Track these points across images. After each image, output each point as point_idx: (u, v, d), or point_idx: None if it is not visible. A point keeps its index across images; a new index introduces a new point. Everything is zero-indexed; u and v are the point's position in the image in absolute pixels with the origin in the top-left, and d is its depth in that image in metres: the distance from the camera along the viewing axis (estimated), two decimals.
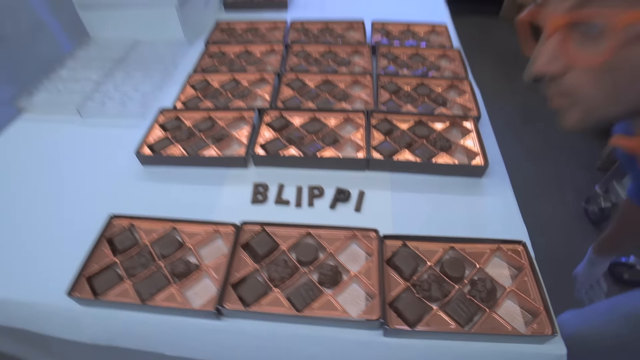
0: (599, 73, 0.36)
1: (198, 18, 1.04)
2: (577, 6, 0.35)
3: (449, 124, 0.70)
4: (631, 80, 0.36)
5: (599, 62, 0.35)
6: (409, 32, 0.98)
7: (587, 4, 0.34)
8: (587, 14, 0.34)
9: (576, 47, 0.36)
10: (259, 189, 0.63)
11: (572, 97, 0.40)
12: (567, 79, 0.39)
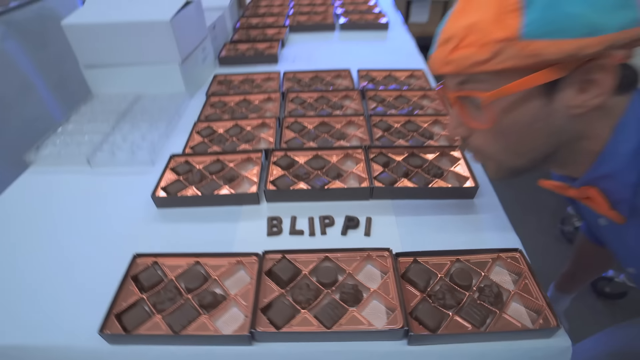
0: (493, 135, 0.45)
1: (197, 73, 1.12)
2: (459, 84, 0.44)
3: (438, 154, 0.78)
4: (519, 139, 0.44)
5: (487, 127, 0.44)
6: (391, 77, 1.10)
7: (466, 83, 0.43)
8: (465, 92, 0.43)
9: (471, 115, 0.45)
10: (273, 222, 0.68)
11: (482, 154, 0.49)
12: (473, 140, 0.48)
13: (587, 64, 0.38)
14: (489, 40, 0.38)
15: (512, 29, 0.37)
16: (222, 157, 0.80)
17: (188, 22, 1.05)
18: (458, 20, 0.42)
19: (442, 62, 0.44)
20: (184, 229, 0.68)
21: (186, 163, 0.79)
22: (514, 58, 0.38)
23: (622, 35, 0.35)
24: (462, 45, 0.41)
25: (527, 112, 0.42)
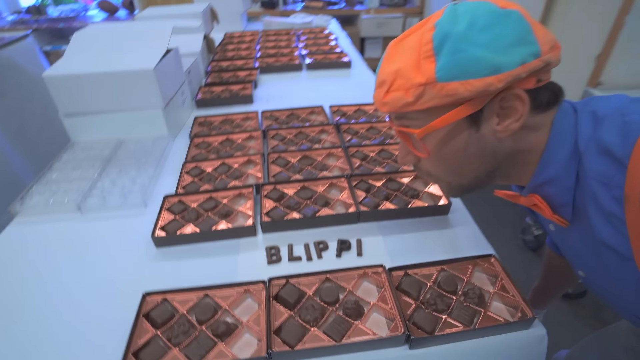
0: (436, 161, 0.51)
1: (177, 116, 1.17)
2: (397, 120, 0.51)
3: (412, 177, 0.87)
4: (458, 163, 0.50)
5: (428, 156, 0.50)
6: (360, 111, 1.20)
7: (402, 119, 0.50)
8: (402, 128, 0.50)
9: (413, 145, 0.52)
10: (272, 251, 0.73)
11: (432, 176, 0.56)
12: (422, 165, 0.55)
13: (501, 94, 0.44)
14: (412, 84, 0.44)
15: (430, 73, 0.43)
16: (215, 194, 0.84)
17: (169, 69, 1.11)
18: (388, 66, 0.48)
19: (380, 103, 0.50)
20: (187, 265, 0.71)
21: (180, 202, 0.83)
22: (435, 98, 0.44)
23: (522, 69, 0.41)
24: (392, 89, 0.47)
25: (459, 140, 0.48)
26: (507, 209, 2.03)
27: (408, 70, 0.45)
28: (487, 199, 2.12)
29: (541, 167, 0.48)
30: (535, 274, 1.53)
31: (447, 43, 0.42)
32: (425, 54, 0.43)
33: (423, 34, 0.45)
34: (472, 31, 0.42)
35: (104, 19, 3.25)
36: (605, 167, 0.42)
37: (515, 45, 0.41)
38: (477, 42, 0.41)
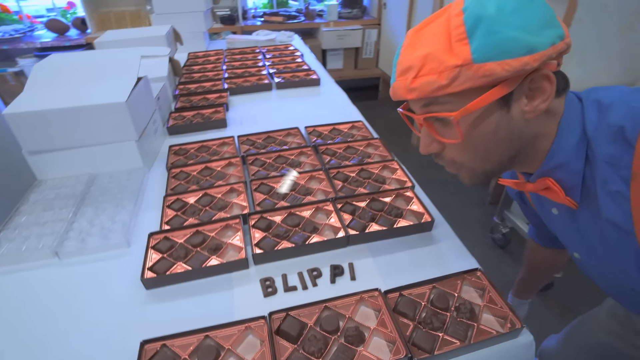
0: (464, 147, 0.52)
1: (151, 145, 1.14)
2: (424, 107, 0.51)
3: (394, 196, 0.91)
4: (487, 147, 0.51)
5: (459, 141, 0.50)
6: (335, 130, 1.23)
7: (430, 105, 0.50)
8: (435, 114, 0.50)
9: (440, 132, 0.52)
10: (266, 283, 0.73)
11: (455, 164, 0.56)
12: (446, 153, 0.55)
13: (531, 75, 0.45)
14: (445, 67, 0.45)
15: (465, 55, 0.43)
16: (201, 228, 0.84)
17: (140, 98, 1.09)
18: (412, 53, 0.48)
19: (405, 90, 0.49)
20: (181, 305, 0.70)
21: (166, 239, 0.82)
22: (470, 80, 0.44)
23: (553, 49, 0.44)
24: (421, 74, 0.46)
25: (490, 123, 0.48)
26: (475, 211, 2.13)
27: (439, 53, 0.45)
28: (457, 201, 2.22)
29: (552, 153, 0.51)
30: (505, 270, 1.62)
31: (481, 25, 0.43)
32: (458, 37, 0.44)
33: (450, 20, 0.46)
34: (503, 14, 0.43)
35: (53, 38, 3.10)
36: (614, 150, 0.45)
37: (546, 27, 0.44)
38: (510, 24, 0.43)
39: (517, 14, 0.43)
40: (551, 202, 0.58)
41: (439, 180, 2.39)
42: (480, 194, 2.24)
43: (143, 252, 0.78)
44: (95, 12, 3.18)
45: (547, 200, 0.59)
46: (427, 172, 2.46)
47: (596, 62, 1.65)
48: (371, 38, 3.47)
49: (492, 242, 1.90)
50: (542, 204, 0.64)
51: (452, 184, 2.35)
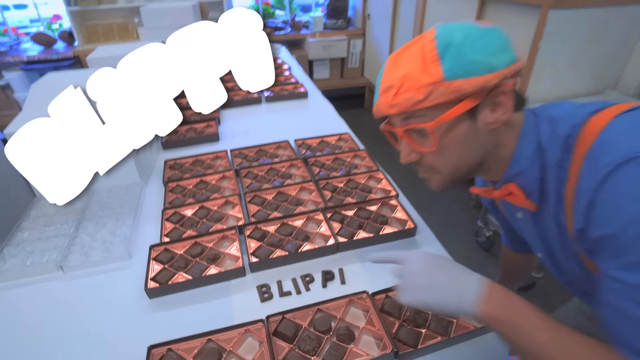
0: (439, 154, 0.59)
1: (147, 160, 1.19)
2: (404, 120, 0.58)
3: (380, 205, 0.98)
4: (457, 154, 0.58)
5: (434, 150, 0.56)
6: (324, 142, 1.30)
7: (409, 118, 0.57)
8: (412, 125, 0.57)
9: (418, 142, 0.59)
10: (263, 289, 0.79)
11: (431, 170, 0.63)
12: (424, 161, 0.62)
13: (492, 91, 0.53)
14: (421, 84, 0.52)
15: (437, 74, 0.51)
16: (200, 239, 0.89)
17: None
18: (392, 74, 0.55)
19: (387, 106, 0.56)
20: (184, 313, 0.75)
21: (166, 251, 0.87)
22: (442, 95, 0.52)
23: (509, 69, 0.52)
24: (401, 91, 0.54)
25: (460, 132, 0.55)
26: (460, 216, 2.22)
27: (415, 73, 0.53)
28: (443, 207, 2.30)
29: (513, 161, 0.58)
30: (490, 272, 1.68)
31: (450, 49, 0.52)
32: (431, 60, 0.52)
33: (424, 46, 0.54)
34: (468, 40, 0.52)
35: (40, 52, 3.11)
36: (562, 155, 0.53)
37: (502, 51, 0.52)
38: (474, 49, 0.51)
39: (479, 40, 0.52)
40: (516, 206, 0.66)
41: (423, 186, 2.47)
42: (464, 199, 2.33)
43: (144, 264, 0.83)
44: (83, 25, 3.20)
45: (512, 205, 0.67)
46: (413, 179, 2.54)
47: (567, 73, 1.75)
48: (356, 48, 3.57)
49: (476, 245, 1.98)
50: (509, 209, 0.71)
51: (436, 192, 2.43)
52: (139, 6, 2.82)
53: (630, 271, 0.44)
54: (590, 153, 0.49)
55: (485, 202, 0.84)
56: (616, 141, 0.47)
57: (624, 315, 0.45)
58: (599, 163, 0.47)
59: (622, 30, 1.71)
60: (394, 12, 2.92)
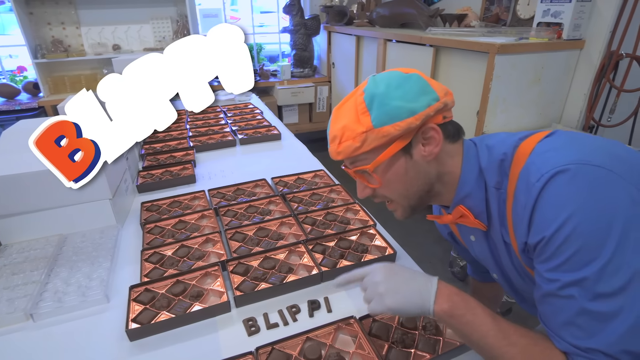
0: (387, 188, 0.66)
1: (123, 203, 1.18)
2: (351, 164, 0.66)
3: (359, 234, 1.01)
4: (403, 185, 0.65)
5: (379, 186, 0.65)
6: (300, 179, 1.34)
7: (355, 161, 0.64)
8: (357, 168, 0.64)
9: (368, 180, 0.66)
10: (249, 323, 0.78)
11: (389, 201, 0.70)
12: (377, 194, 0.69)
13: (421, 129, 0.60)
14: (357, 134, 0.60)
15: (368, 123, 0.59)
16: (181, 277, 0.87)
17: None
18: (335, 125, 0.63)
19: (335, 153, 0.64)
20: (168, 353, 0.73)
21: (147, 291, 0.84)
22: (375, 140, 0.59)
23: (430, 109, 0.59)
24: (343, 140, 0.62)
25: (400, 168, 0.62)
26: (434, 248, 2.28)
27: (351, 124, 0.61)
28: (417, 240, 2.36)
29: (460, 186, 0.65)
30: None
31: (375, 101, 0.59)
32: (361, 111, 0.60)
33: (356, 99, 0.62)
34: (390, 90, 0.60)
35: (2, 102, 3.04)
36: (498, 177, 0.60)
37: (421, 95, 0.59)
38: (395, 97, 0.59)
39: (399, 88, 0.60)
40: (468, 230, 0.71)
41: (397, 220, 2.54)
42: (437, 232, 2.40)
43: (124, 306, 0.80)
44: (49, 76, 3.20)
45: (466, 229, 0.72)
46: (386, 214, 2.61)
47: (516, 110, 1.93)
48: (323, 94, 3.76)
49: (452, 275, 2.03)
50: (464, 234, 0.75)
51: (410, 223, 2.51)
52: (109, 57, 2.87)
53: (563, 271, 0.50)
54: (522, 173, 0.56)
55: (445, 235, 0.89)
56: (541, 160, 0.55)
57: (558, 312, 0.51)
58: (530, 181, 0.54)
59: (558, 72, 1.94)
60: (356, 60, 3.14)
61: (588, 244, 0.48)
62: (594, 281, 0.47)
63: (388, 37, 2.59)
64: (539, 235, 0.52)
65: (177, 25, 3.44)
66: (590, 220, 0.48)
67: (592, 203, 0.48)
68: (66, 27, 3.17)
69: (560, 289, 0.50)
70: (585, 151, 0.53)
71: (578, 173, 0.50)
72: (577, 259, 0.48)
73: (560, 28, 1.85)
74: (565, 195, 0.50)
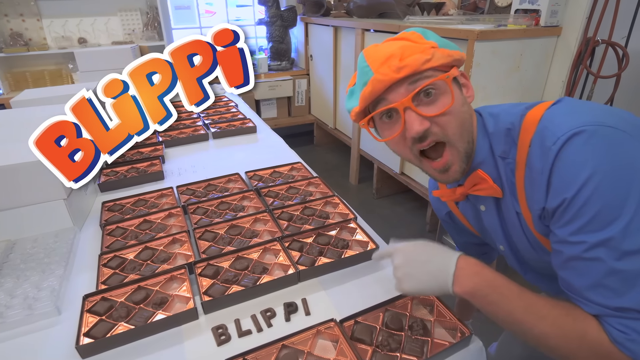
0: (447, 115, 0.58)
1: (81, 204, 1.07)
2: (413, 83, 0.57)
3: (339, 229, 0.94)
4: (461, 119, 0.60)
5: (452, 103, 0.58)
6: (276, 173, 1.26)
7: (418, 80, 0.57)
8: (430, 81, 0.57)
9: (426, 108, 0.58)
10: (219, 331, 0.70)
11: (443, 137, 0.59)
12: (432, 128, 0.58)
13: (459, 73, 0.61)
14: (424, 47, 0.57)
15: (432, 43, 0.59)
16: (143, 283, 0.79)
17: None
18: (386, 49, 0.58)
19: (394, 71, 0.56)
20: None
21: (104, 300, 0.75)
22: (441, 58, 0.58)
23: (461, 54, 0.60)
24: (407, 55, 0.56)
25: (457, 95, 0.59)
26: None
27: (412, 44, 0.59)
28: (398, 233, 2.32)
29: (477, 150, 0.63)
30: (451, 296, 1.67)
31: (427, 33, 0.61)
32: (419, 37, 0.60)
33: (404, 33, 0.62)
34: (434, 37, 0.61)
35: None
36: (505, 147, 0.60)
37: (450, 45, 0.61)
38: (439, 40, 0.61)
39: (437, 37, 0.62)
40: (479, 200, 0.68)
41: (378, 214, 2.49)
42: (418, 224, 2.37)
43: (77, 318, 0.71)
44: (9, 72, 3.00)
45: (477, 199, 0.68)
46: (367, 208, 2.57)
47: (496, 98, 1.91)
48: (301, 87, 3.67)
49: None
50: (471, 208, 0.72)
51: (391, 216, 2.46)
52: (74, 51, 2.71)
53: (587, 232, 0.48)
54: (534, 139, 0.55)
55: (442, 215, 0.85)
56: (555, 125, 0.54)
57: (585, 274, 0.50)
58: (546, 145, 0.52)
59: (537, 59, 1.92)
60: (334, 52, 3.07)
61: (610, 203, 0.47)
62: (620, 240, 0.47)
63: (366, 26, 2.53)
64: (559, 197, 0.51)
65: (147, 17, 3.28)
66: (610, 179, 0.47)
67: (611, 162, 0.48)
68: (25, 19, 2.97)
69: (586, 251, 0.49)
70: (598, 114, 0.52)
71: (594, 134, 0.49)
72: (601, 219, 0.48)
73: (538, 15, 1.82)
74: (584, 156, 0.49)
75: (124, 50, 2.74)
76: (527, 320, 0.52)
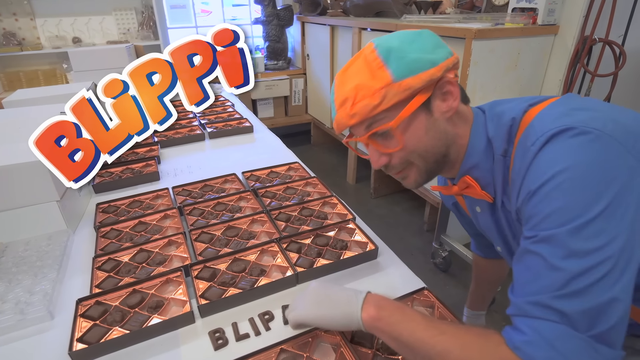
0: (405, 151, 0.60)
1: (75, 206, 1.05)
2: (367, 127, 0.60)
3: (337, 229, 0.93)
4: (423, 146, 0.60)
5: (401, 147, 0.60)
6: (273, 173, 1.25)
7: (372, 124, 0.59)
8: (376, 129, 0.59)
9: (384, 145, 0.61)
10: (216, 335, 0.69)
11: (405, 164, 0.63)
12: (394, 161, 0.63)
13: (439, 83, 0.57)
14: (374, 90, 0.55)
15: (386, 78, 0.55)
16: (139, 286, 0.77)
17: None
18: (344, 88, 0.58)
19: (347, 117, 0.58)
20: None
21: (98, 304, 0.74)
22: (396, 95, 0.55)
23: (448, 61, 0.57)
24: (357, 101, 0.56)
25: (420, 125, 0.58)
26: (414, 240, 2.23)
27: (366, 82, 0.56)
28: (396, 233, 2.31)
29: (468, 154, 0.62)
30: (451, 291, 1.69)
31: (392, 54, 0.56)
32: (377, 67, 0.56)
33: (366, 57, 0.57)
34: (405, 44, 0.57)
35: None
36: (506, 145, 0.58)
37: (437, 47, 0.58)
38: (411, 50, 0.56)
39: (414, 43, 0.57)
40: (475, 201, 0.68)
41: (376, 214, 2.49)
42: (417, 224, 2.36)
43: (70, 323, 0.70)
44: (2, 72, 2.97)
45: (472, 200, 0.68)
46: (365, 208, 2.56)
47: (494, 97, 1.89)
48: (298, 87, 3.65)
49: (434, 267, 1.98)
50: (470, 206, 0.72)
51: (389, 216, 2.46)
52: (68, 51, 2.68)
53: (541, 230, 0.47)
54: (520, 139, 0.55)
55: (449, 205, 0.86)
56: (540, 124, 0.53)
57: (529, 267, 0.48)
58: (526, 145, 0.52)
59: (534, 58, 1.91)
60: (331, 51, 3.05)
61: (572, 203, 0.45)
62: (568, 239, 0.45)
63: (363, 25, 2.52)
64: (525, 191, 0.50)
65: (142, 16, 3.25)
66: (579, 180, 0.46)
67: (585, 164, 0.46)
68: (19, 19, 2.93)
69: (533, 243, 0.48)
70: (589, 115, 0.51)
71: (576, 135, 0.48)
72: (558, 217, 0.46)
73: (535, 13, 1.82)
74: (558, 154, 0.48)
75: (118, 50, 2.71)
76: (429, 336, 0.50)
